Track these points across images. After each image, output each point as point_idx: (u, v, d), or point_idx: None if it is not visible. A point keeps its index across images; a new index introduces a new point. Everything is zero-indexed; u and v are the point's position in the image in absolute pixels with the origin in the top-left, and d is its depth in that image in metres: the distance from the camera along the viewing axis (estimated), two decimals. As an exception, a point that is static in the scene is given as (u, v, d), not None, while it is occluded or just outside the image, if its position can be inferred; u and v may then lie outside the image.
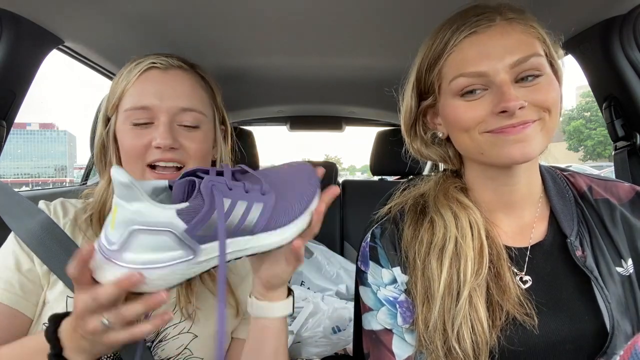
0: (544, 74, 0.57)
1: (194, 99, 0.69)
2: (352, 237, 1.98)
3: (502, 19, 0.57)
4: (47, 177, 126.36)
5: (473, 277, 0.58)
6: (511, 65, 0.55)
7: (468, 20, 0.58)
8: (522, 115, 0.55)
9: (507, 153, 0.56)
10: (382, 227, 0.68)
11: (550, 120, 0.57)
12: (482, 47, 0.57)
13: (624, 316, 0.57)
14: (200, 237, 0.44)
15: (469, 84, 0.57)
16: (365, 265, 0.68)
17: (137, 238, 0.41)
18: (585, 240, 0.62)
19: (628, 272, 0.60)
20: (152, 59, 0.68)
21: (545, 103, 0.56)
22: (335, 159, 71.25)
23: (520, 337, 0.57)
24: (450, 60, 0.60)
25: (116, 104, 0.68)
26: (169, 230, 0.42)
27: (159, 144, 0.64)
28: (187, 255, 0.44)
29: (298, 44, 1.08)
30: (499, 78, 0.55)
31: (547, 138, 0.58)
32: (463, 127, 0.59)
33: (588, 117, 33.30)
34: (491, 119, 0.56)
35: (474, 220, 0.62)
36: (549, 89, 0.57)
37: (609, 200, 0.64)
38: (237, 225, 0.47)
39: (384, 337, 0.64)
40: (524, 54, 0.55)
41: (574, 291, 0.60)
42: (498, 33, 0.57)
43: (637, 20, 0.87)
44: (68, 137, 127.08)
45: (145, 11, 0.88)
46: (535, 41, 0.58)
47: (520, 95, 0.55)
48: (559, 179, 0.68)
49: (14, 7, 0.81)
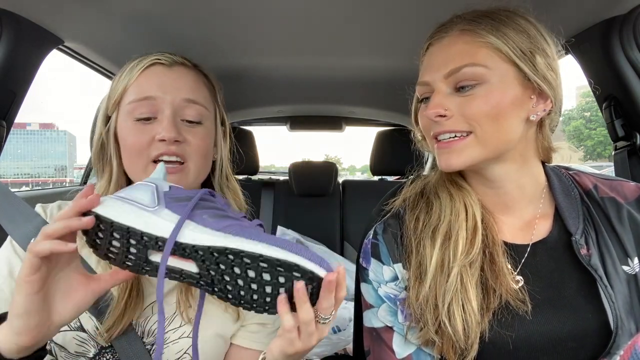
0: (484, 84, 0.57)
1: (197, 93, 0.69)
2: (351, 237, 1.98)
3: (457, 29, 0.59)
4: (47, 177, 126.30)
5: (463, 255, 0.60)
6: (445, 75, 0.58)
7: (434, 32, 0.63)
8: (448, 124, 0.58)
9: (439, 163, 0.62)
10: (385, 224, 0.69)
11: (482, 133, 0.57)
12: (431, 58, 0.62)
13: (628, 315, 0.57)
14: (170, 201, 0.47)
15: (421, 92, 0.64)
16: (367, 262, 0.68)
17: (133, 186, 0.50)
18: (591, 238, 0.61)
19: (634, 270, 0.60)
20: (156, 56, 0.68)
21: (473, 115, 0.57)
22: (335, 159, 71.24)
23: (514, 325, 0.58)
24: (421, 66, 0.66)
25: (117, 101, 0.67)
26: (153, 184, 0.49)
27: (164, 136, 0.63)
28: (151, 205, 0.46)
29: (298, 44, 1.08)
30: (434, 87, 0.60)
31: (484, 151, 0.59)
32: (425, 132, 0.65)
33: (588, 117, 33.32)
34: (431, 125, 0.61)
35: (469, 202, 0.64)
36: (482, 100, 0.56)
37: (615, 198, 0.64)
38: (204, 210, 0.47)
39: (384, 334, 0.65)
40: (458, 64, 0.57)
41: (577, 289, 0.60)
42: (445, 45, 0.60)
43: (637, 20, 0.87)
44: (68, 137, 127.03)
45: (146, 11, 0.88)
46: (479, 50, 0.57)
47: (449, 104, 0.58)
48: (564, 177, 0.68)
49: (14, 7, 0.81)
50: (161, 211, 0.46)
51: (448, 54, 0.59)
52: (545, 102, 0.60)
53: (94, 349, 0.62)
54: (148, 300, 0.65)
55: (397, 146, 1.97)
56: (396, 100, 1.77)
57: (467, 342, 0.57)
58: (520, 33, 0.58)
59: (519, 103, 0.58)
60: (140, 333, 0.63)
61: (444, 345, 0.58)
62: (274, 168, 13.95)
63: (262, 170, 2.34)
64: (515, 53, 0.57)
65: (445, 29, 0.61)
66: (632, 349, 0.45)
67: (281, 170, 3.20)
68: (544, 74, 0.58)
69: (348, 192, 2.09)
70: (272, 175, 2.43)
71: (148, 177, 0.52)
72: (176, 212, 0.46)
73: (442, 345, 0.59)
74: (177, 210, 0.46)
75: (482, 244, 0.61)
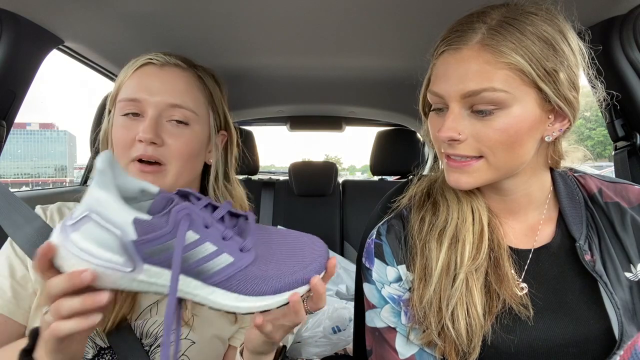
0: (504, 109, 0.53)
1: (185, 97, 0.68)
2: (351, 237, 1.98)
3: (479, 41, 0.53)
4: (47, 177, 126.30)
5: (470, 260, 0.59)
6: (462, 95, 0.54)
7: (449, 35, 0.56)
8: (459, 148, 0.55)
9: (447, 177, 0.60)
10: (389, 224, 0.69)
11: (495, 159, 0.55)
12: (446, 69, 0.56)
13: (631, 322, 0.56)
14: (147, 255, 0.40)
15: (433, 101, 0.59)
16: (370, 262, 0.68)
17: (88, 224, 0.40)
18: (594, 244, 0.61)
19: (637, 277, 0.59)
20: (151, 56, 0.69)
21: (487, 142, 0.54)
22: (335, 159, 71.19)
23: (516, 329, 0.58)
24: (433, 71, 0.60)
25: (114, 97, 0.69)
26: (116, 233, 0.39)
27: (141, 137, 0.63)
28: (126, 265, 0.40)
29: (298, 44, 1.08)
30: (449, 104, 0.55)
31: (496, 174, 0.57)
32: (434, 143, 0.62)
33: (588, 117, 33.28)
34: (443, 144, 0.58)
35: (476, 205, 0.63)
36: (500, 127, 0.53)
37: (620, 203, 0.63)
38: (193, 264, 0.42)
39: (387, 335, 0.65)
40: (476, 87, 0.52)
41: (580, 295, 0.59)
42: (464, 58, 0.54)
43: (637, 20, 0.87)
44: (68, 137, 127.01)
45: (145, 11, 0.88)
46: (499, 72, 0.52)
47: (463, 127, 0.54)
48: (569, 180, 0.67)
49: (14, 7, 0.81)
50: (142, 270, 0.41)
51: (466, 72, 0.53)
52: (562, 121, 0.57)
53: (93, 350, 0.62)
54: (145, 301, 0.65)
55: (397, 146, 1.98)
56: (396, 100, 1.78)
57: (469, 346, 0.56)
58: (545, 46, 0.52)
59: (536, 126, 0.55)
60: (139, 334, 0.63)
61: (446, 348, 0.58)
62: (274, 168, 13.94)
63: (262, 170, 2.34)
64: (538, 74, 0.52)
65: (464, 36, 0.54)
66: (632, 349, 0.45)
67: (281, 170, 3.20)
68: (565, 94, 0.54)
69: (348, 192, 2.09)
70: (272, 175, 2.43)
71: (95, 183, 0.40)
72: (161, 266, 0.41)
73: (444, 347, 0.58)
74: (158, 262, 0.41)
75: (488, 249, 0.60)
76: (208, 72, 0.75)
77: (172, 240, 0.41)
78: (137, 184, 0.46)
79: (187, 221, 0.41)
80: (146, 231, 0.40)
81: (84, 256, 0.40)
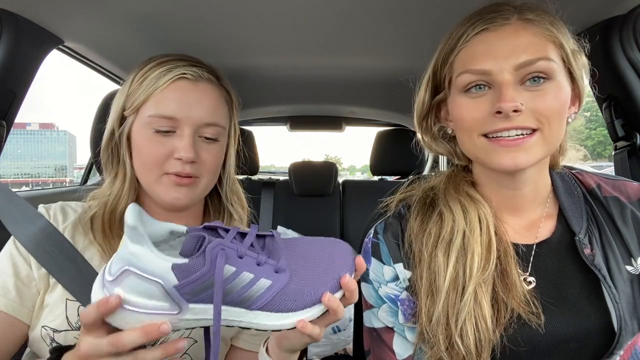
0: (553, 80, 0.55)
1: (217, 114, 0.70)
2: (352, 237, 1.98)
3: (519, 18, 0.56)
4: (47, 177, 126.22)
5: (479, 272, 0.57)
6: (516, 66, 0.54)
7: (483, 17, 0.57)
8: (518, 120, 0.54)
9: (498, 160, 0.56)
10: (386, 223, 0.68)
11: (549, 131, 0.55)
12: (490, 45, 0.56)
13: (632, 316, 0.56)
14: (190, 296, 0.43)
15: (470, 80, 0.57)
16: (367, 261, 0.67)
17: (128, 278, 0.42)
18: (595, 238, 0.61)
19: (638, 270, 0.59)
20: (183, 69, 0.67)
21: (545, 111, 0.54)
22: (335, 159, 71.21)
23: (524, 336, 0.57)
24: (460, 55, 0.59)
25: (138, 107, 0.67)
26: (158, 282, 0.41)
27: (182, 156, 0.64)
28: (172, 309, 0.43)
29: (298, 44, 1.08)
30: (501, 77, 0.55)
31: (546, 149, 0.57)
32: (465, 128, 0.59)
33: (588, 117, 33.31)
34: (489, 120, 0.56)
35: (483, 215, 0.62)
36: (553, 97, 0.54)
37: (619, 198, 0.64)
38: (235, 295, 0.44)
39: (385, 335, 0.64)
40: (532, 56, 0.54)
41: (580, 289, 0.59)
42: (509, 33, 0.55)
43: (637, 20, 0.87)
44: (68, 137, 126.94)
45: (146, 11, 0.88)
46: (548, 45, 0.55)
47: (520, 99, 0.54)
48: (567, 177, 0.68)
49: (14, 7, 0.81)
50: (187, 310, 0.43)
51: (517, 44, 0.54)
52: (575, 104, 0.60)
53: None
54: None
55: (397, 146, 1.97)
56: (396, 100, 1.78)
57: (478, 358, 0.56)
58: (567, 30, 0.57)
59: (569, 102, 0.58)
60: None
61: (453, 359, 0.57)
62: (274, 168, 13.95)
63: (262, 170, 2.34)
64: (571, 51, 0.56)
65: (503, 14, 0.56)
66: (632, 349, 0.45)
67: (281, 170, 3.20)
68: (582, 75, 0.58)
69: (348, 192, 2.08)
70: (272, 175, 2.42)
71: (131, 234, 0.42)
72: (204, 302, 0.44)
73: None
74: (202, 300, 0.44)
75: (497, 259, 0.59)
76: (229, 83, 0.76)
77: (211, 278, 0.43)
78: (165, 226, 0.48)
79: (222, 257, 0.43)
80: (186, 274, 0.42)
81: (131, 308, 0.42)
